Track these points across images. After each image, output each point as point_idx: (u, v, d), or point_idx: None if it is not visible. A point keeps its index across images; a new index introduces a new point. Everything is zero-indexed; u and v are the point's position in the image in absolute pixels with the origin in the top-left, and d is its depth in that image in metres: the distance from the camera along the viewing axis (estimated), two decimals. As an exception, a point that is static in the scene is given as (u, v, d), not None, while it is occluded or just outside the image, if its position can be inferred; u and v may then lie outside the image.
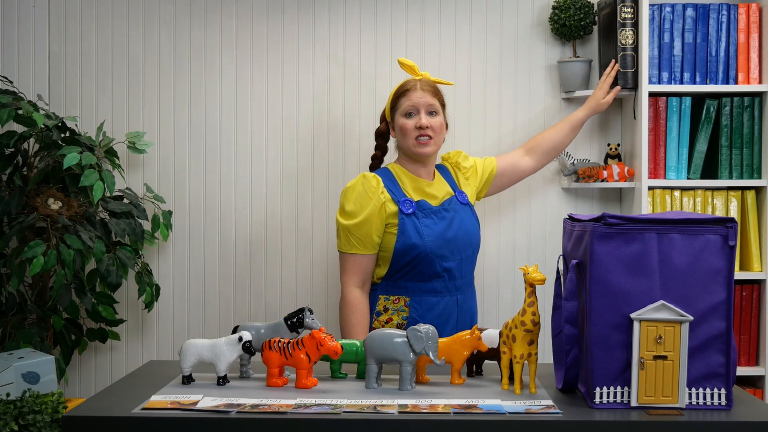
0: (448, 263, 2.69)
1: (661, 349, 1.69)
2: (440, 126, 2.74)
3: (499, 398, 1.77)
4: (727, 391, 1.71)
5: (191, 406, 1.68)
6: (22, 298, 3.13)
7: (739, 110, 3.21)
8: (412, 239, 2.66)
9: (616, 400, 1.71)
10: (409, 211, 2.68)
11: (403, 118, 2.72)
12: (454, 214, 2.74)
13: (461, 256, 2.72)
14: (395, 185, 2.73)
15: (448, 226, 2.71)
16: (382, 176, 2.74)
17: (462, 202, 2.78)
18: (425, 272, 2.68)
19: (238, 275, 3.42)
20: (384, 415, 1.63)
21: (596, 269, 1.71)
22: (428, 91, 2.72)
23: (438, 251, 2.67)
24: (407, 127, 2.71)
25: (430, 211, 2.71)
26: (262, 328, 1.99)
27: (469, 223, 2.77)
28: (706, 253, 1.70)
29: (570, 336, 1.81)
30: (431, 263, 2.67)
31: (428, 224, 2.68)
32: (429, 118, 2.70)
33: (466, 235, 2.74)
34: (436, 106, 2.72)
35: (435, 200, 2.74)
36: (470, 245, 2.75)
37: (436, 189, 2.77)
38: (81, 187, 3.03)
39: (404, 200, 2.69)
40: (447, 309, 2.70)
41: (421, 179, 2.76)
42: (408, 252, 2.66)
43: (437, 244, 2.67)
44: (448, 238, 2.69)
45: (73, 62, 3.41)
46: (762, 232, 3.19)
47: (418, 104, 2.70)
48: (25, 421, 1.80)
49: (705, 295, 1.70)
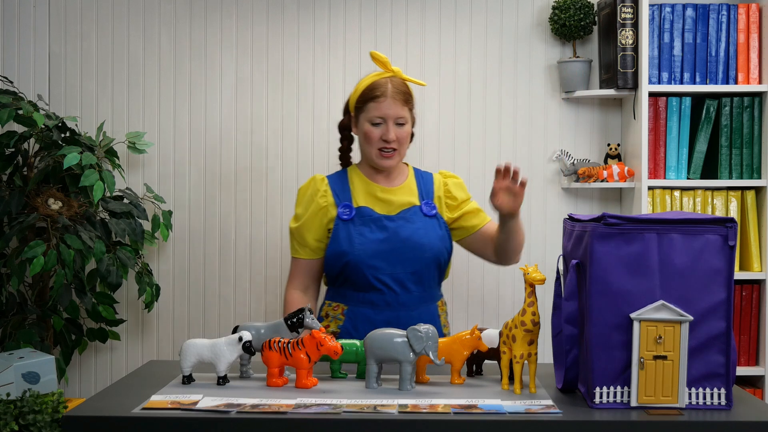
0: (384, 276, 2.51)
1: (661, 349, 1.69)
2: (406, 136, 2.56)
3: (499, 398, 1.77)
4: (727, 391, 1.71)
5: (191, 406, 1.68)
6: (22, 298, 3.13)
7: (739, 110, 3.21)
8: (342, 246, 2.51)
9: (616, 400, 1.71)
10: (346, 217, 2.54)
11: (369, 125, 2.54)
12: (404, 224, 2.54)
13: (405, 269, 2.52)
14: (344, 189, 2.60)
15: (389, 236, 2.52)
16: (335, 179, 2.62)
17: (427, 214, 2.58)
18: (358, 283, 2.52)
19: (238, 275, 3.42)
20: (384, 415, 1.63)
21: (596, 269, 1.71)
22: (399, 100, 2.53)
23: (369, 261, 2.50)
24: (372, 137, 2.53)
25: (370, 219, 2.54)
26: (262, 328, 1.99)
27: (426, 235, 2.55)
28: (706, 253, 1.70)
29: (570, 336, 1.81)
30: (362, 274, 2.51)
31: (363, 232, 2.53)
32: (396, 130, 2.52)
33: (416, 248, 2.52)
34: (405, 116, 2.54)
35: (388, 208, 2.57)
36: (421, 259, 2.53)
37: (395, 196, 2.59)
38: (81, 187, 3.03)
39: (344, 205, 2.55)
40: (388, 325, 2.43)
41: (375, 184, 2.60)
42: (338, 259, 2.52)
43: (368, 254, 2.50)
44: (384, 249, 2.51)
45: (73, 62, 3.41)
46: (762, 232, 3.19)
47: (387, 115, 2.51)
48: (25, 421, 1.81)
49: (705, 295, 1.70)
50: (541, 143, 3.42)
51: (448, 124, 3.41)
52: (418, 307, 2.55)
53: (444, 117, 3.41)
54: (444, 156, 3.39)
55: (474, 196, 2.78)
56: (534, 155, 3.42)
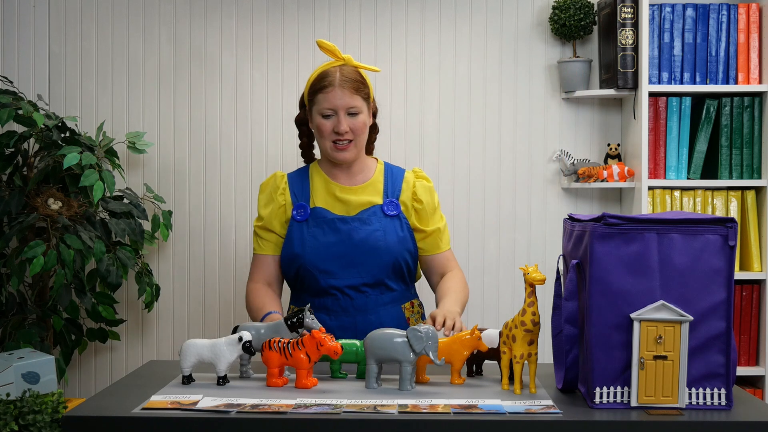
0: (337, 281, 2.40)
1: (661, 349, 1.69)
2: (362, 126, 2.43)
3: (499, 398, 1.77)
4: (727, 391, 1.71)
5: (191, 406, 1.68)
6: (22, 298, 3.13)
7: (739, 110, 3.21)
8: (295, 249, 2.42)
9: (616, 400, 1.71)
10: (300, 218, 2.44)
11: (320, 118, 2.42)
12: (359, 226, 2.42)
13: (360, 273, 2.41)
14: (304, 188, 2.49)
15: (342, 239, 2.41)
16: (294, 177, 2.53)
17: (387, 213, 2.45)
18: (312, 287, 2.43)
19: (238, 275, 3.42)
20: (384, 415, 1.63)
21: (596, 269, 1.71)
22: (348, 88, 2.39)
23: (321, 266, 2.40)
24: (324, 129, 2.42)
25: (324, 221, 2.43)
26: (262, 328, 1.99)
27: (384, 237, 2.43)
28: (706, 253, 1.70)
29: (570, 336, 1.81)
30: (315, 279, 2.41)
31: (315, 234, 2.42)
32: (349, 120, 2.40)
33: (371, 251, 2.40)
34: (358, 104, 2.41)
35: (346, 208, 2.45)
36: (377, 263, 2.41)
37: (355, 195, 2.47)
38: (81, 187, 3.03)
39: (299, 205, 2.46)
40: (344, 331, 2.39)
41: (334, 183, 2.49)
42: (291, 262, 2.43)
43: (320, 257, 2.40)
44: (337, 253, 2.40)
45: (73, 62, 3.41)
46: (762, 232, 3.19)
47: (336, 106, 2.39)
48: (25, 421, 1.81)
49: (705, 295, 1.70)
50: (541, 143, 3.42)
51: (448, 124, 3.41)
52: (376, 311, 2.43)
53: (444, 117, 3.41)
54: (444, 156, 3.39)
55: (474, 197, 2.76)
56: (534, 155, 3.42)
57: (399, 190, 2.49)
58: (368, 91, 2.47)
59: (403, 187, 2.50)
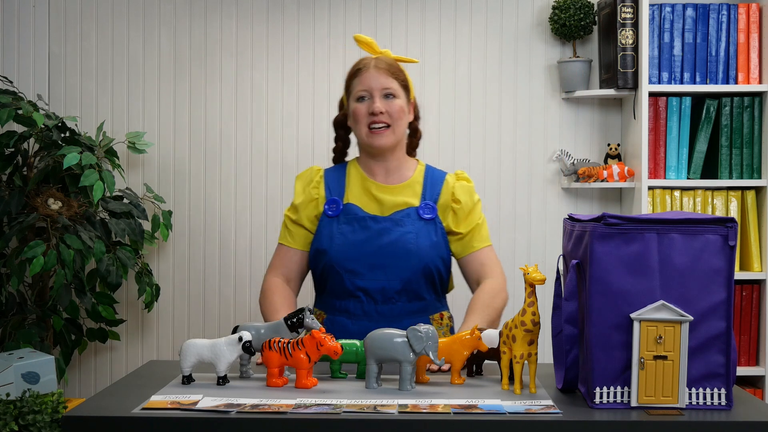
0: (364, 282, 2.29)
1: (661, 349, 1.69)
2: (399, 111, 2.32)
3: (499, 398, 1.77)
4: (727, 391, 1.71)
5: (191, 406, 1.68)
6: (22, 298, 3.13)
7: (739, 110, 3.21)
8: (323, 244, 2.32)
9: (616, 400, 1.71)
10: (331, 213, 2.34)
11: (355, 103, 2.32)
12: (392, 227, 2.31)
13: (388, 277, 2.30)
14: (340, 184, 2.39)
15: (372, 238, 2.30)
16: (332, 172, 2.42)
17: (423, 217, 2.34)
18: (336, 288, 2.33)
19: (238, 275, 3.42)
20: (384, 415, 1.63)
21: (596, 269, 1.70)
22: (384, 69, 2.32)
23: (346, 264, 2.29)
24: (359, 113, 2.31)
25: (354, 218, 2.33)
26: (262, 328, 1.99)
27: (416, 240, 2.31)
28: (706, 253, 1.70)
29: (570, 336, 1.81)
30: (340, 278, 2.31)
31: (345, 231, 2.32)
32: (385, 103, 2.30)
33: (402, 254, 2.29)
34: (394, 88, 2.32)
35: (380, 207, 2.35)
36: (407, 267, 2.29)
37: (391, 195, 2.36)
38: (81, 187, 3.03)
39: (331, 200, 2.36)
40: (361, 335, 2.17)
41: (371, 181, 2.38)
42: (318, 259, 2.34)
43: (347, 255, 2.29)
44: (365, 251, 2.29)
45: (73, 62, 3.41)
46: (762, 232, 3.19)
47: (371, 87, 2.30)
48: (25, 421, 1.80)
49: (705, 295, 1.70)
50: (541, 143, 3.42)
51: (448, 124, 3.41)
52: (401, 320, 2.30)
53: (444, 117, 3.41)
54: (444, 156, 3.39)
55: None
56: (534, 155, 3.42)
57: (438, 194, 2.37)
58: (406, 80, 2.37)
59: (442, 190, 2.38)
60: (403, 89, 2.35)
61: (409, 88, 2.39)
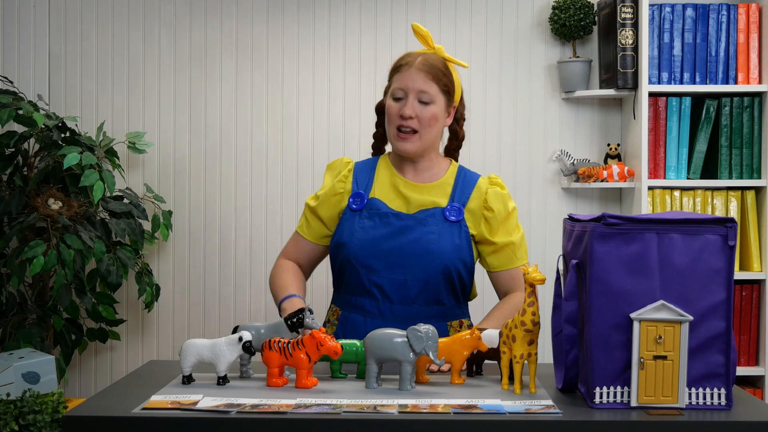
0: (380, 279, 2.22)
1: (661, 349, 1.69)
2: (431, 118, 2.22)
3: (499, 398, 1.77)
4: (727, 391, 1.71)
5: (191, 406, 1.68)
6: (22, 298, 3.13)
7: (738, 110, 3.21)
8: (343, 237, 2.25)
9: (616, 400, 1.71)
10: (355, 206, 2.27)
11: (390, 99, 2.25)
12: (415, 225, 2.23)
13: (407, 276, 2.22)
14: (368, 177, 2.32)
15: (393, 235, 2.23)
16: (361, 165, 2.35)
17: (449, 218, 2.24)
18: (353, 284, 2.26)
19: (238, 275, 3.42)
20: (384, 415, 1.63)
21: (596, 269, 1.70)
22: (425, 71, 2.21)
23: (364, 260, 2.22)
24: (391, 112, 2.24)
25: (377, 213, 2.25)
26: (262, 328, 1.99)
27: (439, 241, 2.22)
28: (706, 253, 1.70)
29: (570, 336, 1.81)
30: (357, 274, 2.24)
31: (366, 226, 2.25)
32: (418, 107, 2.21)
33: (424, 253, 2.21)
34: (431, 93, 2.21)
35: (407, 205, 2.27)
36: (426, 268, 2.21)
37: (418, 193, 2.28)
38: (81, 187, 3.03)
39: (356, 194, 2.28)
40: None
41: (399, 177, 2.30)
42: (337, 252, 2.27)
43: (365, 251, 2.22)
44: (384, 248, 2.22)
45: (73, 62, 3.41)
46: (762, 232, 3.19)
47: (407, 87, 2.21)
48: (25, 421, 1.81)
49: (705, 295, 1.70)
50: (541, 143, 3.42)
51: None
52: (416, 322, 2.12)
53: (444, 117, 3.41)
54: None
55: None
56: (534, 155, 3.42)
57: (467, 197, 2.27)
58: (450, 86, 2.26)
59: (473, 194, 2.28)
60: (443, 94, 2.25)
61: (452, 92, 2.28)
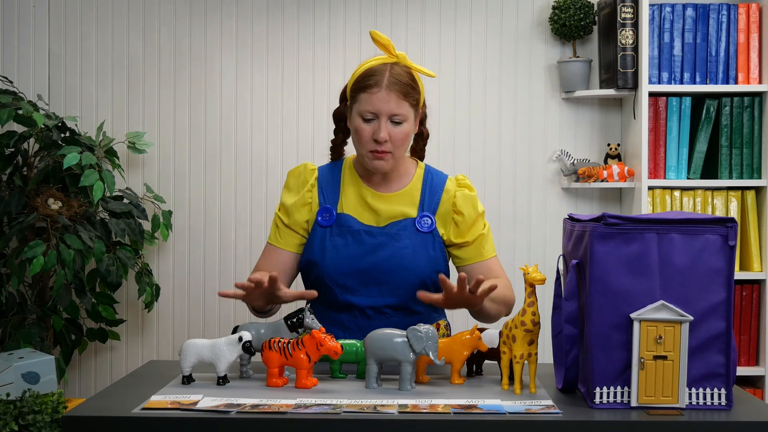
0: (357, 298, 2.18)
1: (661, 349, 1.69)
2: (403, 137, 2.15)
3: (499, 398, 1.77)
4: (727, 391, 1.71)
5: (191, 406, 1.68)
6: (22, 298, 3.13)
7: (739, 110, 3.21)
8: (315, 255, 2.19)
9: (616, 400, 1.71)
10: (324, 223, 2.21)
11: (360, 120, 2.15)
12: (388, 241, 2.17)
13: (382, 293, 2.18)
14: (334, 187, 2.25)
15: (366, 253, 2.17)
16: (325, 173, 2.27)
17: (421, 229, 2.19)
18: (328, 300, 2.20)
19: (238, 275, 3.42)
20: (384, 415, 1.63)
21: (596, 269, 1.70)
22: (395, 92, 2.11)
23: (339, 279, 2.17)
24: (363, 134, 2.14)
25: (348, 231, 2.19)
26: (262, 328, 1.99)
27: (413, 256, 2.17)
28: (706, 253, 1.70)
29: (570, 336, 1.81)
30: (332, 292, 2.18)
31: (338, 244, 2.18)
32: (390, 128, 2.13)
33: (399, 270, 2.16)
34: (403, 112, 2.13)
35: (376, 218, 2.20)
36: (403, 284, 2.17)
37: (387, 204, 2.21)
38: (81, 187, 3.03)
39: (324, 209, 2.21)
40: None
41: (366, 188, 2.23)
42: (309, 270, 2.21)
43: (340, 270, 2.17)
44: (358, 267, 2.16)
45: (73, 62, 3.41)
46: (762, 232, 3.19)
47: (379, 111, 2.12)
48: (25, 421, 1.81)
49: (705, 295, 1.70)
50: (541, 143, 3.42)
51: (448, 124, 3.41)
52: None
53: (444, 117, 3.41)
54: (444, 156, 3.39)
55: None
56: (534, 155, 3.42)
57: (437, 202, 2.22)
58: (418, 97, 2.19)
59: (442, 198, 2.23)
60: (413, 108, 2.17)
61: (419, 102, 2.21)
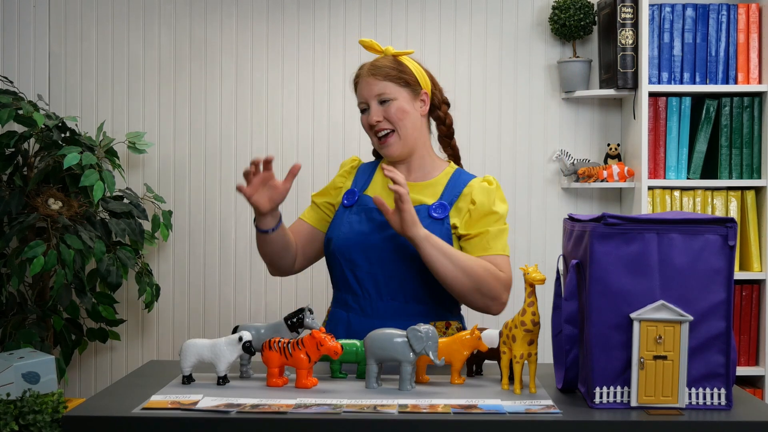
0: (361, 273, 2.21)
1: (661, 349, 1.69)
2: (398, 112, 2.21)
3: (499, 398, 1.77)
4: (727, 391, 1.71)
5: (191, 406, 1.68)
6: (22, 298, 3.13)
7: (738, 110, 3.21)
8: (332, 230, 2.27)
9: (616, 400, 1.71)
10: (347, 202, 2.29)
11: (361, 116, 2.28)
12: None
13: (385, 271, 2.20)
14: (368, 177, 2.34)
15: (374, 230, 2.21)
16: (366, 165, 2.38)
17: (434, 216, 2.20)
18: (338, 278, 2.26)
19: (238, 275, 3.42)
20: (384, 415, 1.63)
21: (596, 269, 1.71)
22: (373, 75, 2.21)
23: (346, 253, 2.21)
24: (364, 125, 2.27)
25: (364, 209, 2.25)
26: (262, 328, 1.99)
27: None
28: (706, 253, 1.70)
29: (570, 336, 1.81)
30: (341, 268, 2.23)
31: (353, 221, 2.25)
32: (381, 109, 2.21)
33: (401, 248, 2.17)
34: (389, 92, 2.20)
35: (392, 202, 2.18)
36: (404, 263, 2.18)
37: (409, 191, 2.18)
38: (81, 187, 3.03)
39: (350, 191, 2.30)
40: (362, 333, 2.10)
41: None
42: (327, 249, 2.28)
43: (348, 244, 2.21)
44: (365, 242, 2.21)
45: (73, 62, 3.41)
46: (762, 232, 3.19)
47: (366, 97, 2.22)
48: (25, 421, 1.81)
49: (705, 295, 1.70)
50: (541, 143, 3.42)
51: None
52: (396, 320, 2.17)
53: (444, 117, 3.41)
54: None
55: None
56: (534, 155, 3.42)
57: (457, 195, 2.23)
58: (407, 78, 2.23)
59: (463, 192, 2.23)
60: (403, 87, 2.22)
61: (412, 82, 2.24)
